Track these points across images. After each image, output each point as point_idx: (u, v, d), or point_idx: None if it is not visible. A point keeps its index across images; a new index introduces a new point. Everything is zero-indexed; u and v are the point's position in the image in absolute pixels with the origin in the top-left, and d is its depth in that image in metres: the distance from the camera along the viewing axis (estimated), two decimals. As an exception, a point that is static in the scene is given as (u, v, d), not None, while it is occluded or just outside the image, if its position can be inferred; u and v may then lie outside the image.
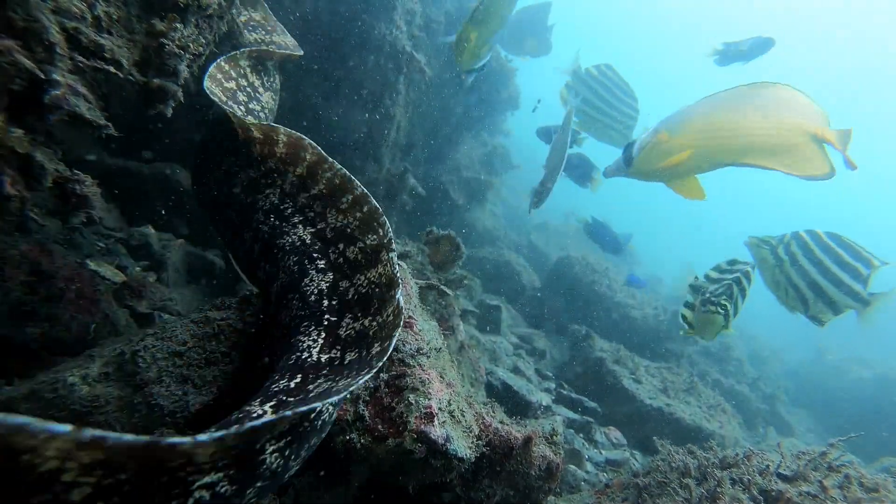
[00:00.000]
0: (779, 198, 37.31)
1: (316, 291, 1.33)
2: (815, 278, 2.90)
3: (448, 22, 5.80)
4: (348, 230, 1.42)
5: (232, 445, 0.73)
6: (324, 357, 1.17)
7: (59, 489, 0.57)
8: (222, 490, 0.79)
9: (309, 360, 1.16)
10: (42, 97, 1.23)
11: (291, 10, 3.63)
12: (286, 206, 1.51)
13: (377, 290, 1.27)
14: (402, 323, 1.16)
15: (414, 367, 1.50)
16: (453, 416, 1.51)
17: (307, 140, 1.48)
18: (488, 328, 4.70)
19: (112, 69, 1.30)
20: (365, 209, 1.41)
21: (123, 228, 2.49)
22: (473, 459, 1.51)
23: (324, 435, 1.13)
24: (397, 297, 1.20)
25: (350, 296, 1.31)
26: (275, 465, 0.89)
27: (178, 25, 1.53)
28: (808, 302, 2.95)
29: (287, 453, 0.92)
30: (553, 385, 4.37)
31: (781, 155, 2.60)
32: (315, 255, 1.42)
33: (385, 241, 1.34)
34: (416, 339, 1.60)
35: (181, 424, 1.37)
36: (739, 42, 5.03)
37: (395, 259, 1.31)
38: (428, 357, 1.57)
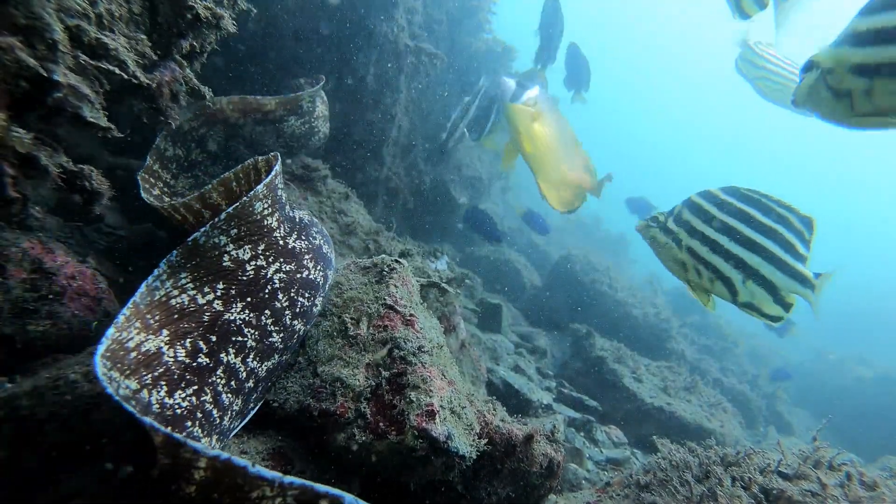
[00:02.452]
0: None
1: None
2: (729, 248, 2.15)
3: (450, 21, 5.79)
4: None
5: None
6: None
7: None
8: None
9: None
10: (44, 96, 1.23)
11: (293, 8, 3.62)
12: None
13: None
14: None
15: (415, 364, 1.50)
16: (455, 414, 1.51)
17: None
18: (489, 327, 4.70)
19: (117, 70, 1.29)
20: None
21: (125, 226, 2.49)
22: (475, 457, 1.51)
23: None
24: None
25: None
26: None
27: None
28: (734, 283, 2.19)
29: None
30: (554, 384, 4.37)
31: (559, 188, 4.05)
32: None
33: None
34: (418, 337, 1.60)
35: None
36: None
37: None
38: (429, 355, 1.57)
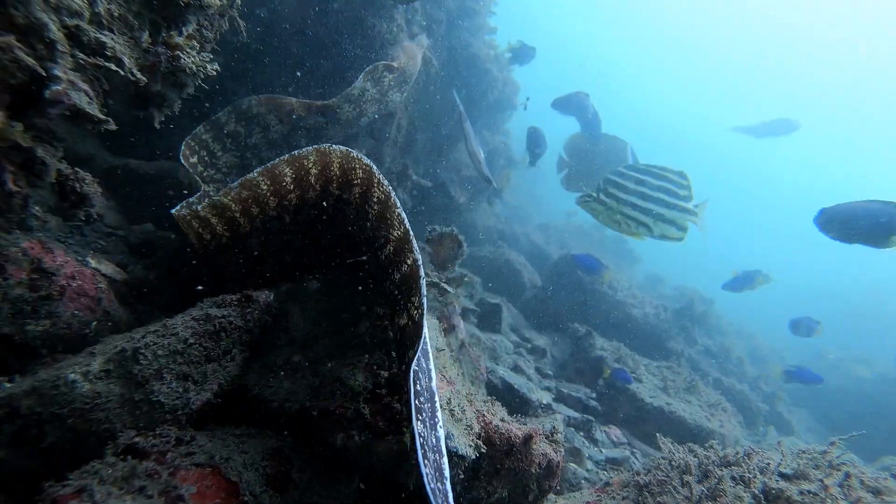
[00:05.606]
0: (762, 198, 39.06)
1: None
2: (642, 205, 3.34)
3: (449, 21, 5.78)
4: None
5: None
6: None
7: None
8: None
9: None
10: (44, 94, 1.23)
11: (293, 7, 3.62)
12: None
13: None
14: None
15: (415, 364, 1.50)
16: (454, 414, 1.51)
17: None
18: (489, 326, 4.70)
19: (113, 66, 1.29)
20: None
21: (124, 226, 2.49)
22: (474, 457, 1.51)
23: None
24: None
25: None
26: None
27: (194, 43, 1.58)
28: (650, 226, 3.35)
29: None
30: (553, 383, 4.37)
31: None
32: None
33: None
34: (417, 337, 1.59)
35: (182, 421, 1.37)
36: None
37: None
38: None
